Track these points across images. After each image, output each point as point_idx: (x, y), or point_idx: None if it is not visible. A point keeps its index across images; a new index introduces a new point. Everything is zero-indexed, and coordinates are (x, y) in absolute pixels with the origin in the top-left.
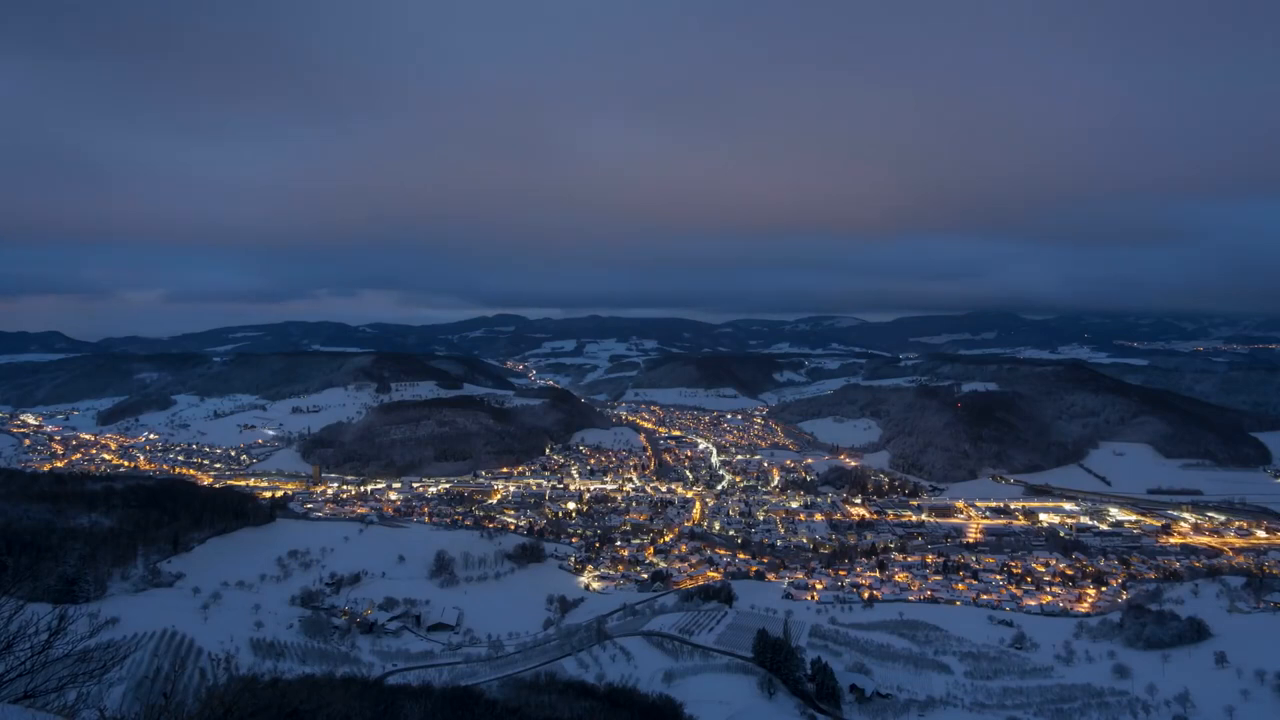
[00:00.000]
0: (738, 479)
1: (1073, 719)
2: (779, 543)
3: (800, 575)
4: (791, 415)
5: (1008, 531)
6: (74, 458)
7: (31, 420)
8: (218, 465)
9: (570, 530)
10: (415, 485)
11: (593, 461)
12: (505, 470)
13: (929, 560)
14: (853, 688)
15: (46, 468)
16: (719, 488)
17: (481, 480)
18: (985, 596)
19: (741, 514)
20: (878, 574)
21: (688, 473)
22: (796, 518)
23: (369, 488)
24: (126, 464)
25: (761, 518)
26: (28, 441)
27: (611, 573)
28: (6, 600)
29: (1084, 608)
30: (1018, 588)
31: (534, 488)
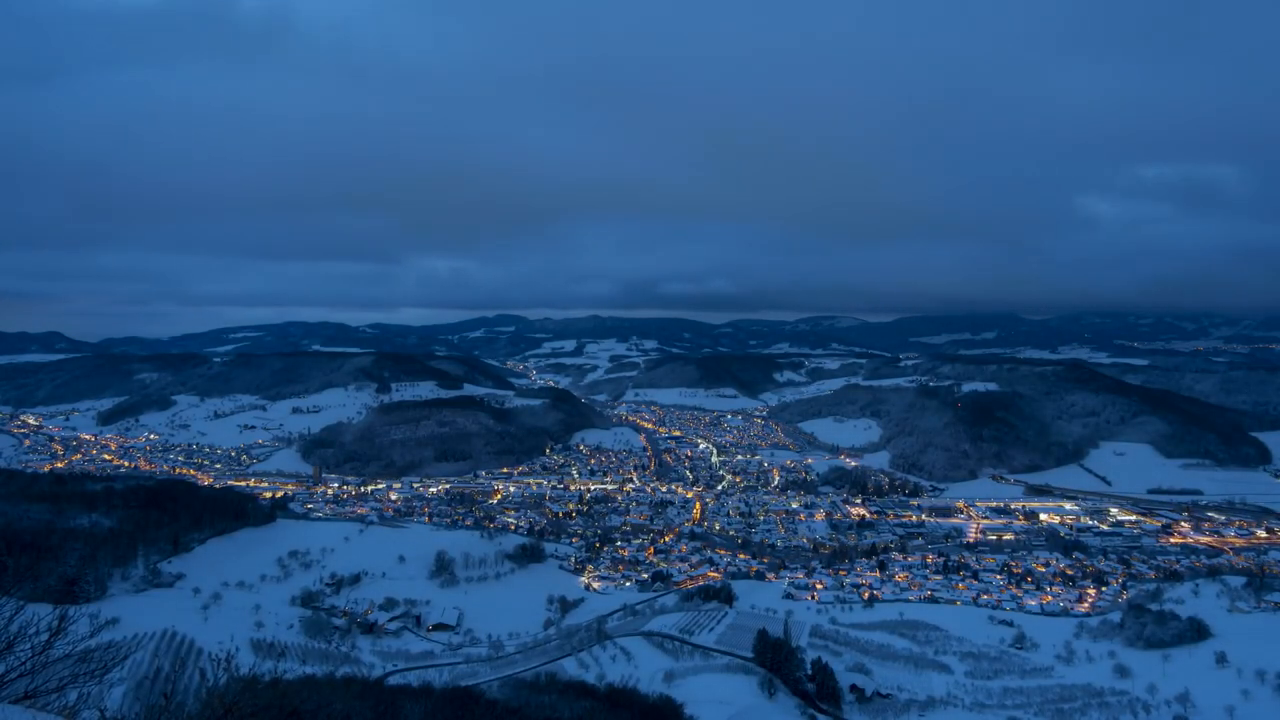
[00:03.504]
0: (738, 479)
1: (1073, 719)
2: (779, 543)
3: (800, 575)
4: (791, 415)
5: (1008, 531)
6: (74, 458)
7: (31, 420)
8: (218, 465)
9: (570, 530)
10: (415, 485)
11: (593, 462)
12: (505, 470)
13: (929, 560)
14: (853, 688)
15: (46, 468)
16: (719, 488)
17: (481, 480)
18: (985, 596)
19: (742, 514)
20: (878, 574)
21: (688, 473)
22: (797, 518)
23: (369, 488)
24: (126, 464)
25: (762, 518)
26: (28, 442)
27: (612, 573)
28: (7, 600)
29: (1084, 608)
30: (1018, 588)
31: (534, 488)
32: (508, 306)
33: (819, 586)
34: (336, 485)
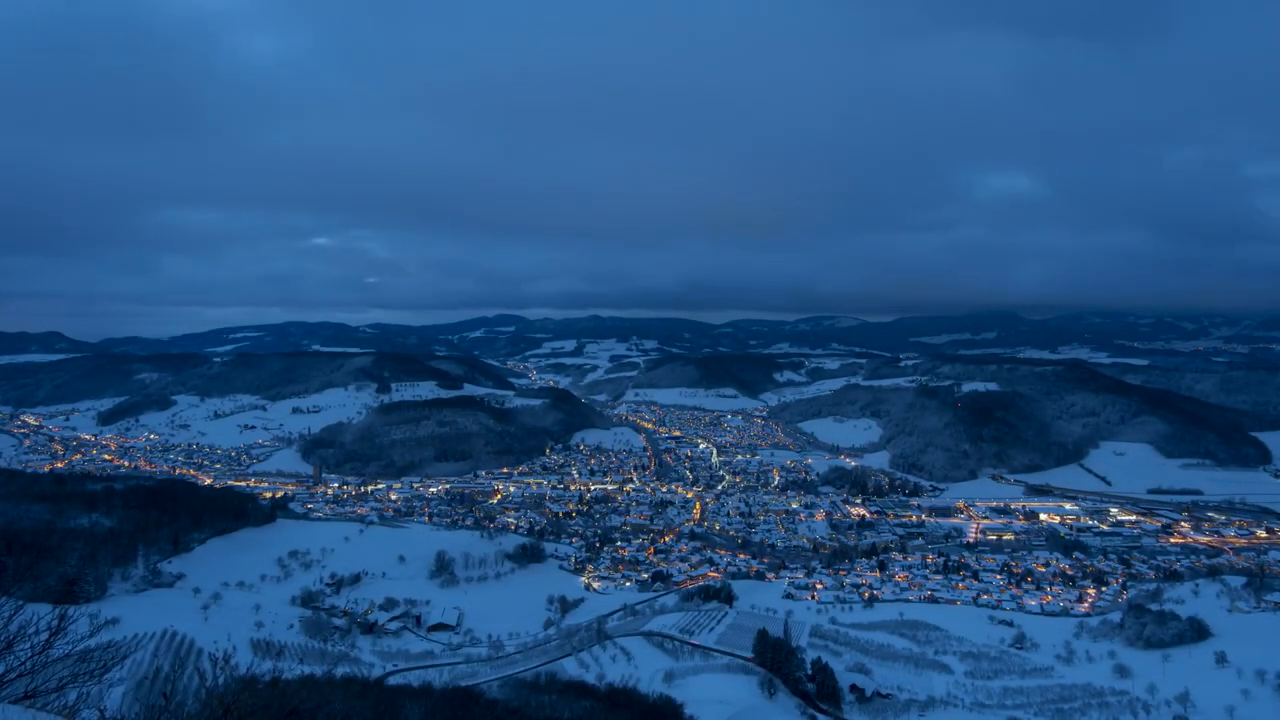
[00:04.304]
0: (738, 479)
1: (1073, 719)
2: (779, 543)
3: (800, 575)
4: (791, 415)
5: (1008, 531)
6: (74, 458)
7: (31, 420)
8: (218, 465)
9: (570, 530)
10: (415, 485)
11: (593, 462)
12: (505, 470)
13: (929, 560)
14: (853, 688)
15: (46, 468)
16: (719, 488)
17: (481, 480)
18: (985, 596)
19: (742, 514)
20: (878, 574)
21: (688, 473)
22: (797, 518)
23: (369, 488)
24: (126, 464)
25: (762, 518)
26: (28, 442)
27: (612, 573)
28: (7, 600)
29: (1084, 608)
30: (1018, 588)
31: (534, 488)
32: (508, 306)
33: (819, 586)
34: (336, 485)
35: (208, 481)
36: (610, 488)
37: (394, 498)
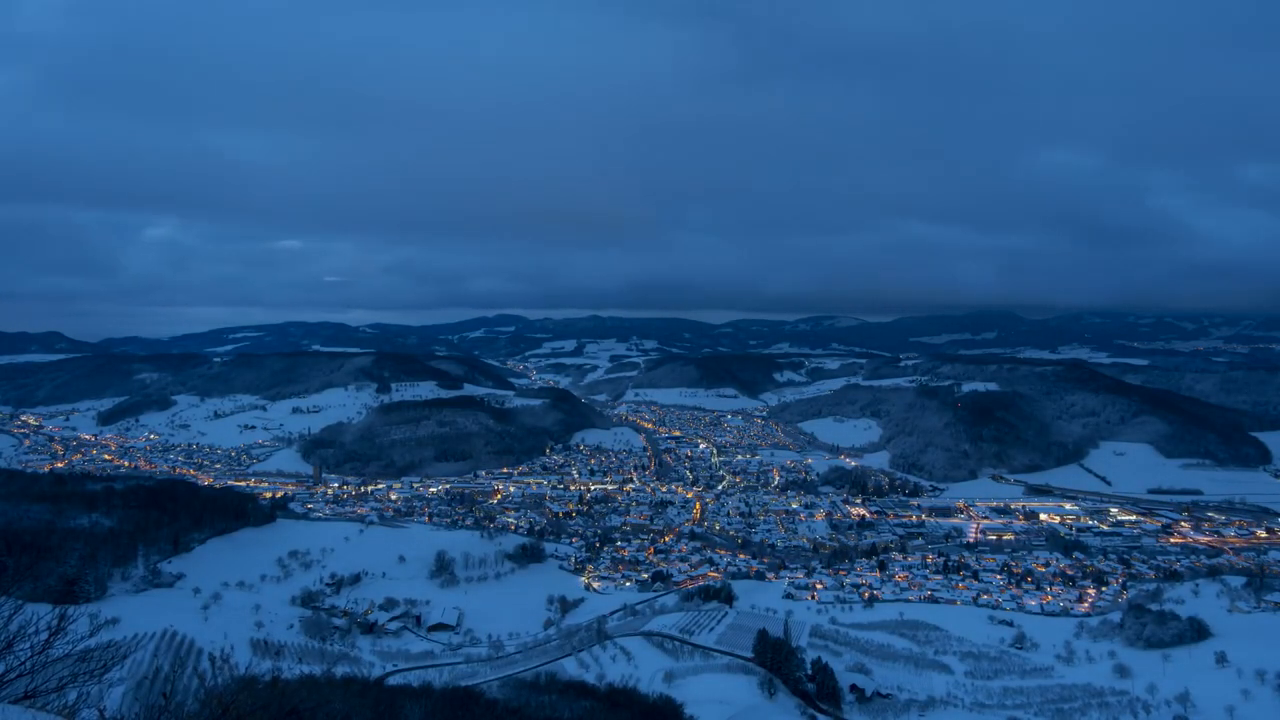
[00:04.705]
0: (738, 479)
1: (1073, 719)
2: (779, 543)
3: (800, 575)
4: (791, 415)
5: (1008, 531)
6: (74, 458)
7: (31, 420)
8: (218, 465)
9: (570, 530)
10: (415, 485)
11: (593, 462)
12: (505, 470)
13: (929, 560)
14: (853, 688)
15: (46, 468)
16: (719, 488)
17: (481, 480)
18: (985, 596)
19: (742, 514)
20: (878, 574)
21: (688, 473)
22: (797, 518)
23: (369, 488)
24: (126, 464)
25: (762, 518)
26: (28, 442)
27: (612, 573)
28: (6, 600)
29: (1084, 608)
30: (1018, 588)
31: (534, 488)
32: (508, 306)
33: (819, 586)
34: (336, 485)
35: (208, 481)
36: (610, 488)
37: (394, 498)
